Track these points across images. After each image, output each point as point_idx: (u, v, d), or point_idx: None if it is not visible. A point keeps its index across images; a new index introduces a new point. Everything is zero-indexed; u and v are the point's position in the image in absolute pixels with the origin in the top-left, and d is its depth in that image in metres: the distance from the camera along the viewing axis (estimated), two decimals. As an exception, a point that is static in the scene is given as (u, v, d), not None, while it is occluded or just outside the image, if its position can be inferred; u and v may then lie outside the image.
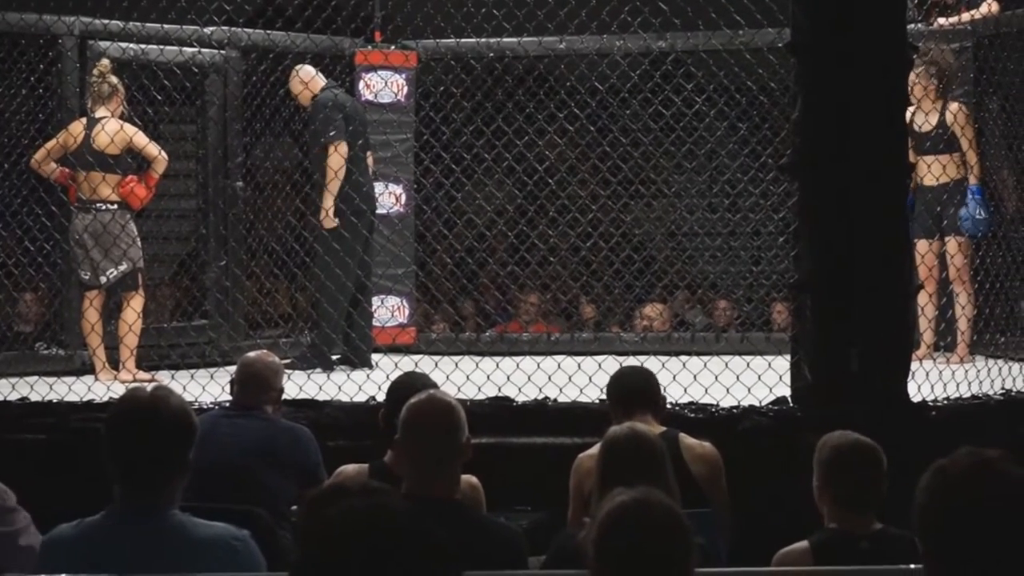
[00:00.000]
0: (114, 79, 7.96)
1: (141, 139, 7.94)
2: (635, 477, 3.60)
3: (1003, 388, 6.43)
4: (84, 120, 7.97)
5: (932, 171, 7.93)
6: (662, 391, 4.96)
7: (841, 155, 5.63)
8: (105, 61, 8.01)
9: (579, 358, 7.07)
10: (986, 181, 8.08)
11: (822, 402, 5.62)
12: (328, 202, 8.18)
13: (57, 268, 8.26)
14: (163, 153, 7.98)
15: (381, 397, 5.16)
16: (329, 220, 8.18)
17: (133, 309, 7.90)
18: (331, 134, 8.17)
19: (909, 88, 7.82)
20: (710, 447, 4.75)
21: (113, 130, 7.85)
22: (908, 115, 7.83)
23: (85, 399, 6.54)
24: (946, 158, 8.02)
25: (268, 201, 9.03)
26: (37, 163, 7.98)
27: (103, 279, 7.89)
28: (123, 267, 7.88)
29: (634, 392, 4.80)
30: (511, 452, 5.82)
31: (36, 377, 7.08)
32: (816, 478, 4.00)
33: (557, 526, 4.55)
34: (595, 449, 4.37)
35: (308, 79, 8.40)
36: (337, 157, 8.15)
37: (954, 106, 8.05)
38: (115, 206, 7.89)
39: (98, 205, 7.89)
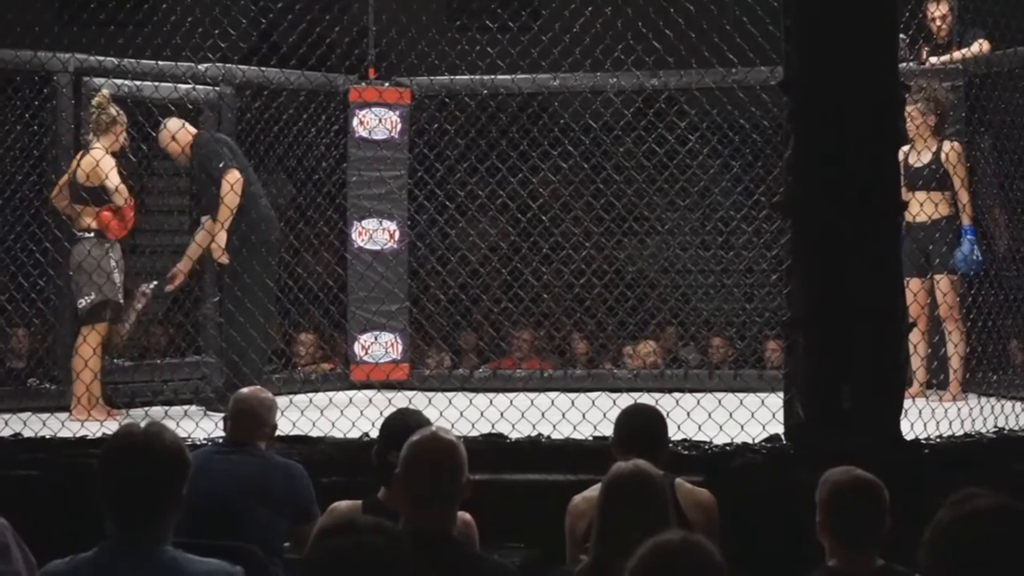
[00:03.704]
0: (113, 110, 7.93)
1: (101, 173, 7.80)
2: (636, 515, 3.61)
3: (996, 426, 6.43)
4: (80, 152, 7.99)
5: (924, 209, 7.95)
6: (668, 437, 4.90)
7: (834, 193, 5.64)
8: (105, 91, 7.99)
9: (573, 395, 7.07)
10: (978, 220, 8.11)
11: (815, 439, 5.62)
12: (222, 237, 8.09)
13: (50, 303, 8.26)
14: (122, 189, 7.83)
15: (375, 433, 5.16)
16: (224, 256, 8.11)
17: (89, 344, 7.77)
18: (221, 164, 8.08)
19: (908, 124, 7.89)
20: (707, 494, 4.72)
21: (87, 163, 7.82)
22: (903, 152, 7.91)
23: (78, 435, 6.53)
24: (937, 195, 8.04)
25: (263, 234, 9.02)
26: (53, 198, 7.99)
27: (78, 309, 7.84)
28: (91, 297, 7.81)
29: (638, 433, 4.75)
30: (505, 489, 5.81)
31: (28, 413, 7.08)
32: (818, 514, 3.99)
33: (550, 563, 4.54)
34: (589, 491, 4.37)
35: (176, 130, 8.25)
36: (232, 194, 8.02)
37: (948, 144, 8.08)
38: (91, 234, 7.85)
39: (79, 235, 7.88)
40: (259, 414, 5.33)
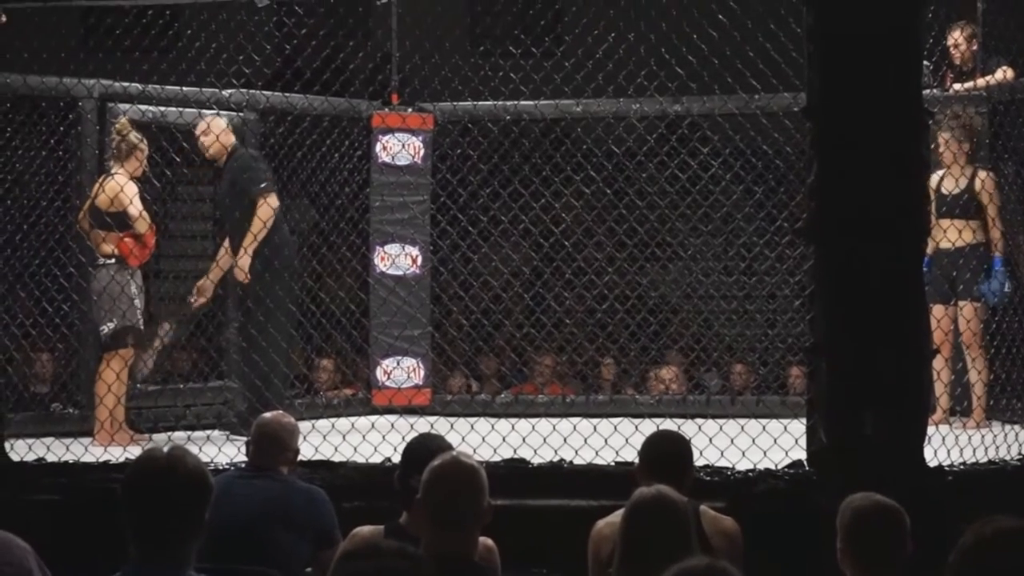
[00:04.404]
0: (133, 138, 7.93)
1: (124, 199, 7.82)
2: (659, 540, 3.61)
3: (1020, 453, 6.40)
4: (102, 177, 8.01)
5: (948, 235, 7.94)
6: (693, 463, 4.90)
7: (857, 219, 5.64)
8: (123, 119, 8.01)
9: (595, 420, 7.06)
10: (1007, 251, 8.08)
11: (838, 466, 5.61)
12: (246, 259, 8.06)
13: (74, 328, 8.29)
14: (144, 215, 7.85)
15: (397, 458, 5.16)
16: (245, 278, 8.09)
17: (112, 369, 7.76)
18: (263, 185, 8.06)
19: (940, 151, 7.89)
20: (731, 521, 4.71)
21: (111, 188, 7.83)
22: (936, 178, 7.91)
23: (101, 460, 6.55)
24: (963, 223, 8.01)
25: (286, 260, 9.03)
26: (79, 222, 8.01)
27: (101, 336, 7.85)
28: (113, 323, 7.82)
29: (664, 460, 4.74)
30: (526, 514, 5.81)
31: (52, 438, 7.09)
32: (839, 540, 3.98)
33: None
34: (612, 516, 4.36)
35: (220, 131, 8.23)
36: (267, 208, 8.03)
37: (983, 173, 8.06)
38: (112, 260, 7.86)
39: (99, 261, 7.89)
40: (281, 439, 5.34)
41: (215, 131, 8.21)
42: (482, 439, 6.59)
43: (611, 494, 4.92)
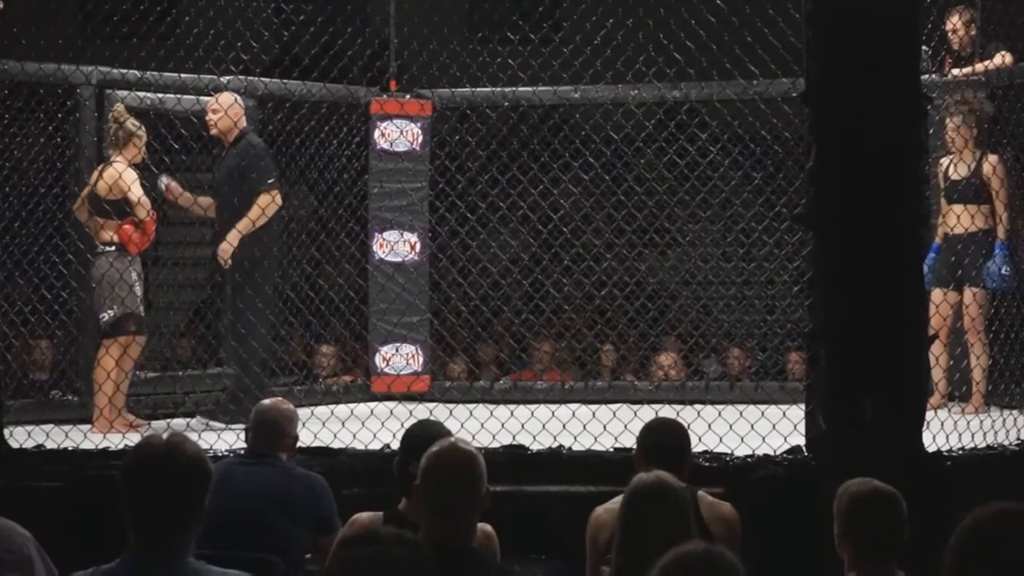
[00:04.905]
0: (131, 125, 7.88)
1: (123, 185, 7.79)
2: (658, 526, 3.61)
3: (1018, 438, 6.41)
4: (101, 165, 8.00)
5: (961, 221, 7.93)
6: (691, 451, 4.90)
7: (855, 204, 5.64)
8: (119, 106, 7.96)
9: (593, 406, 7.07)
10: (1010, 235, 8.09)
11: (837, 451, 5.61)
12: (235, 239, 8.01)
13: (73, 315, 8.29)
14: (144, 202, 7.81)
15: (396, 445, 5.16)
16: (229, 258, 8.04)
17: (111, 356, 7.75)
18: (270, 180, 8.04)
19: (948, 137, 7.91)
20: (730, 507, 4.71)
21: (109, 175, 7.82)
22: (944, 164, 7.92)
23: (100, 447, 6.55)
24: (973, 208, 8.00)
25: (283, 249, 9.03)
26: (76, 211, 8.00)
27: (101, 323, 7.84)
28: (113, 311, 7.82)
29: (662, 446, 4.74)
30: (525, 500, 5.82)
31: (51, 425, 7.10)
32: (836, 526, 3.99)
33: (571, 575, 4.54)
34: (611, 502, 4.37)
35: (228, 106, 8.17)
36: (268, 200, 7.99)
37: (992, 158, 8.05)
38: (112, 248, 7.85)
39: (99, 248, 7.88)
40: (280, 425, 5.34)
41: (223, 105, 8.17)
42: (481, 425, 6.60)
43: (610, 480, 4.93)
